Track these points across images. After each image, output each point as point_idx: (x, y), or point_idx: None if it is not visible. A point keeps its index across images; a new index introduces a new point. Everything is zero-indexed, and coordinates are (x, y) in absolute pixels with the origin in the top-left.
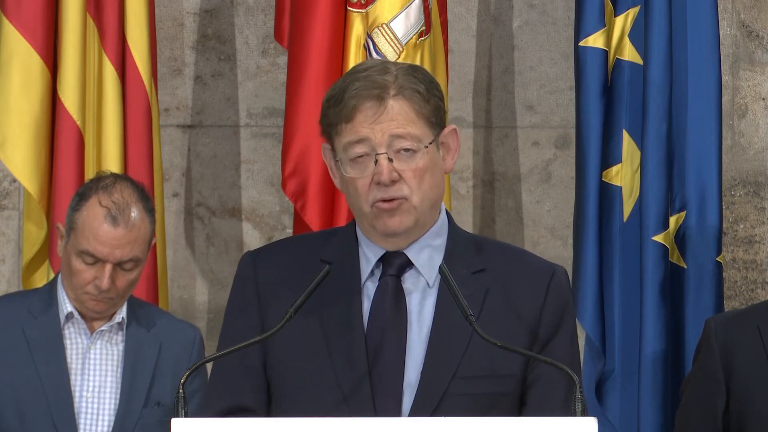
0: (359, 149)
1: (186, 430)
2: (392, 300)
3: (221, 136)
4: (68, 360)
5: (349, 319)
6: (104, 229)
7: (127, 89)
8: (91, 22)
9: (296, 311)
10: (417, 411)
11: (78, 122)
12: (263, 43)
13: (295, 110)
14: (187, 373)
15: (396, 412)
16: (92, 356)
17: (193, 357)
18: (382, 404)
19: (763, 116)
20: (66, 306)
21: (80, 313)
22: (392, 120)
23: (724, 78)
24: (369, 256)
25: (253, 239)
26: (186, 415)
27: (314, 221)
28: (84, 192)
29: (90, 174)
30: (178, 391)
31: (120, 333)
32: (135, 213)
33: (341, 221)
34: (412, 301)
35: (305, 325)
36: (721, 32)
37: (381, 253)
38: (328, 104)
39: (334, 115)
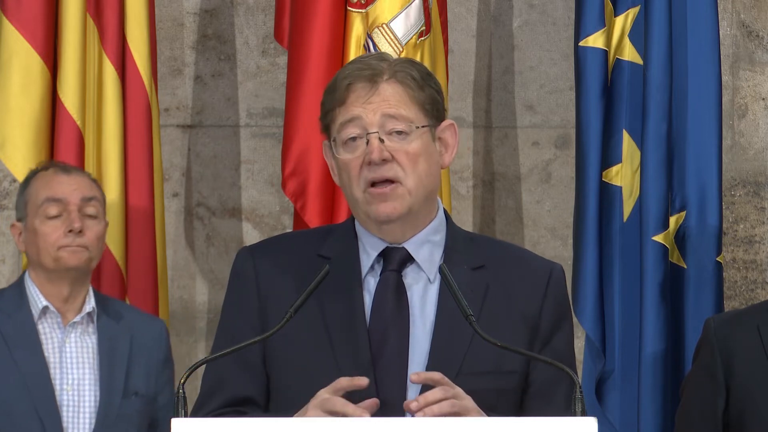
0: (351, 130)
1: (186, 430)
2: (394, 295)
3: (221, 136)
4: (46, 354)
5: (351, 313)
6: (59, 177)
7: (127, 89)
8: (91, 22)
9: (296, 311)
10: None
11: (78, 122)
12: (263, 43)
13: (295, 110)
14: (186, 374)
15: (401, 408)
16: (68, 349)
17: (163, 349)
18: (386, 401)
19: (763, 116)
20: (40, 301)
21: (52, 305)
22: (384, 101)
23: (724, 78)
24: (369, 250)
25: (253, 239)
26: (186, 415)
27: (314, 221)
28: (26, 177)
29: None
30: (178, 391)
31: (91, 325)
32: (83, 171)
33: (341, 221)
34: (414, 297)
35: (306, 320)
36: (721, 32)
37: (381, 247)
38: (325, 94)
39: (329, 101)
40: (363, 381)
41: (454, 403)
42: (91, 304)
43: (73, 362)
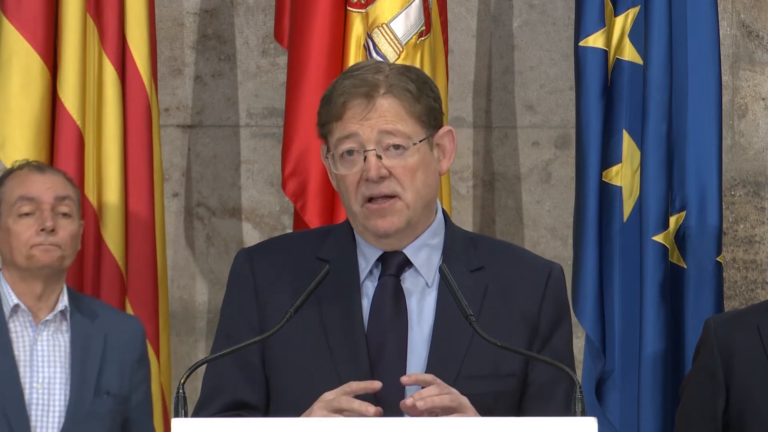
0: (348, 145)
1: (186, 430)
2: (392, 300)
3: (221, 136)
4: (15, 353)
5: (349, 318)
6: (33, 175)
7: (127, 89)
8: (91, 22)
9: (296, 312)
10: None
11: (78, 122)
12: (263, 43)
13: (295, 110)
14: (186, 374)
15: (400, 414)
16: (39, 348)
17: (138, 348)
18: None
19: (763, 116)
20: (11, 299)
21: (25, 303)
22: (381, 117)
23: (724, 78)
24: (367, 254)
25: (253, 239)
26: (186, 415)
27: (314, 221)
28: (2, 175)
29: (90, 174)
30: (178, 391)
31: (65, 323)
32: (58, 170)
33: (341, 221)
34: (412, 302)
35: (304, 323)
36: (721, 32)
37: (379, 252)
38: (322, 104)
39: (326, 114)
40: (376, 384)
41: (453, 398)
42: (64, 302)
43: (44, 361)
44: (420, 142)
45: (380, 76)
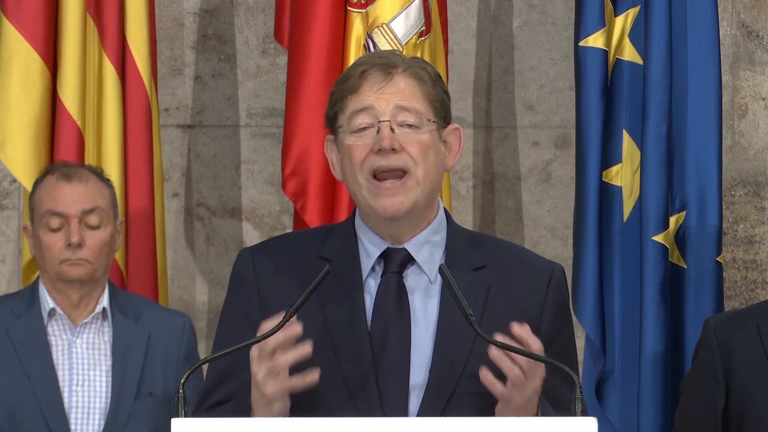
0: (363, 119)
1: (186, 430)
2: (395, 298)
3: (221, 136)
4: (54, 357)
5: (352, 316)
6: (60, 186)
7: (127, 89)
8: (91, 22)
9: (296, 311)
10: (425, 411)
11: (78, 122)
12: (263, 43)
13: (295, 110)
14: (187, 373)
15: (403, 412)
16: (78, 350)
17: (183, 344)
18: (389, 404)
19: (763, 116)
20: (48, 303)
21: (62, 309)
22: (398, 92)
23: (724, 78)
24: (369, 251)
25: (253, 239)
26: (186, 415)
27: (314, 221)
28: (37, 179)
29: None
30: (178, 392)
31: (105, 325)
32: (88, 173)
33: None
34: (416, 299)
35: (307, 322)
36: (721, 32)
37: (381, 248)
38: (336, 83)
39: (341, 91)
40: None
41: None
42: (102, 304)
43: (83, 363)
44: (433, 121)
45: (399, 58)
